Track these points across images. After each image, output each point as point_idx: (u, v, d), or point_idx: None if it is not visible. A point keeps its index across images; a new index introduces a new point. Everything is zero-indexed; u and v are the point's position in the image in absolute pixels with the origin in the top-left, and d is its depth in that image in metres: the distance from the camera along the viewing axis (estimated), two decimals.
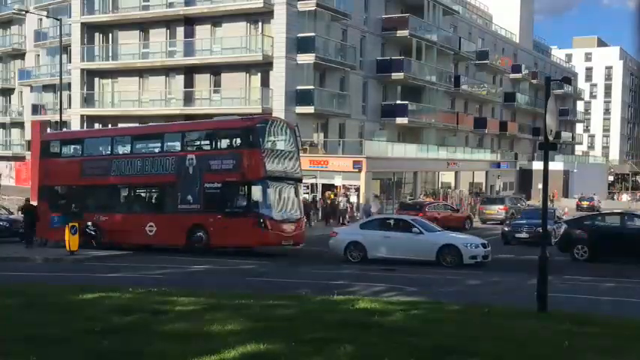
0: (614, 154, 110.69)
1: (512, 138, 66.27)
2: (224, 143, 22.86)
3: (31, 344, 7.47)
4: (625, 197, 60.77)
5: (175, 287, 13.27)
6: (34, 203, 25.54)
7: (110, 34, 44.54)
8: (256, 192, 21.54)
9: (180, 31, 41.29)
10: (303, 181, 24.82)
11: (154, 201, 24.32)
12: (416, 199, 39.86)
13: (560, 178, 59.35)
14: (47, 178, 25.68)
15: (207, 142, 23.24)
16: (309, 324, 8.92)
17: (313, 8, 37.15)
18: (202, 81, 40.77)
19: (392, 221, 21.53)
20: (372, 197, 35.98)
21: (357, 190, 37.53)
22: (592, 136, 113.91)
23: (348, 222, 32.53)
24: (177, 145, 23.54)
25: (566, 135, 76.95)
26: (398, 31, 44.18)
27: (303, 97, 37.35)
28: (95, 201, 24.77)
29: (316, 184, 36.97)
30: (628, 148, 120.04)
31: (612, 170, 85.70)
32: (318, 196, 37.41)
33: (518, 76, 65.75)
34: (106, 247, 22.71)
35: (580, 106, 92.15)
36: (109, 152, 25.06)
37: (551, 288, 11.24)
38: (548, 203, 13.06)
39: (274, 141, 22.86)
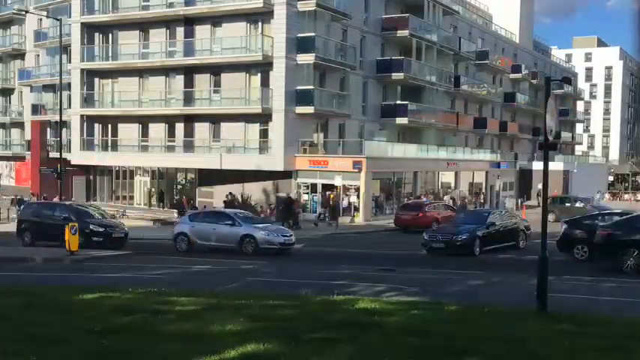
0: (614, 154, 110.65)
1: (512, 138, 66.25)
2: None
3: (31, 344, 7.47)
4: (626, 197, 60.70)
5: (175, 287, 13.27)
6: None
7: (110, 34, 44.54)
8: None
9: (180, 31, 41.29)
10: (303, 180, 25.39)
11: None
12: (419, 199, 39.72)
13: (560, 178, 59.30)
14: None
15: None
16: (309, 324, 8.92)
17: (313, 8, 37.13)
18: (202, 81, 40.77)
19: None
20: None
21: (357, 190, 37.53)
22: (592, 136, 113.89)
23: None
24: None
25: (566, 135, 76.92)
26: (398, 31, 44.15)
27: (303, 97, 37.33)
28: None
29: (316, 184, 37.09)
30: (628, 148, 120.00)
31: (612, 170, 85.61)
32: (318, 197, 37.54)
33: (518, 76, 65.72)
34: None
35: (580, 106, 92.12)
36: None
37: (551, 288, 11.25)
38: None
39: None
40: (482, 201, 50.02)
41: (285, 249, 23.00)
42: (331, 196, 36.72)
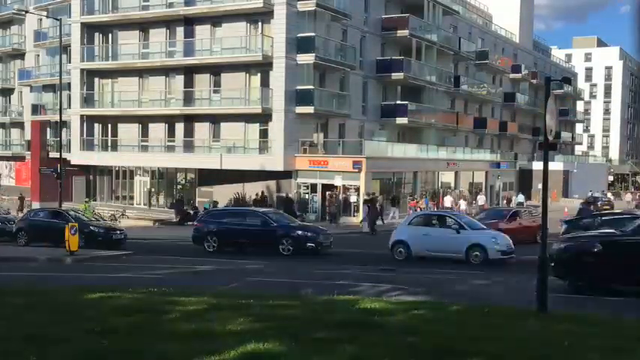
0: (614, 154, 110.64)
1: (512, 138, 66.27)
2: None
3: (31, 344, 7.46)
4: (628, 197, 60.69)
5: (176, 287, 13.26)
6: None
7: (110, 34, 44.55)
8: None
9: (180, 31, 41.30)
10: (303, 180, 25.21)
11: None
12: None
13: (560, 178, 59.33)
14: None
15: None
16: (309, 324, 8.92)
17: (313, 8, 37.14)
18: (202, 81, 40.77)
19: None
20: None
21: (357, 190, 37.52)
22: (592, 136, 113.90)
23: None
24: None
25: (566, 135, 76.95)
26: (398, 31, 44.16)
27: (303, 97, 37.33)
28: None
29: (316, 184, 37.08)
30: (628, 148, 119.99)
31: (612, 170, 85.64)
32: (318, 196, 37.52)
33: (518, 76, 65.74)
34: None
35: (580, 106, 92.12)
36: None
37: (551, 288, 11.24)
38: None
39: None
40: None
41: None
42: (331, 196, 36.77)
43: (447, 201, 42.98)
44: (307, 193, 38.98)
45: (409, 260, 20.41)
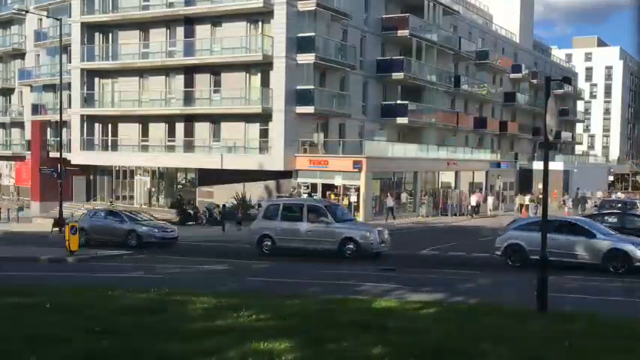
0: (614, 154, 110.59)
1: (512, 138, 66.23)
2: None
3: (31, 344, 7.46)
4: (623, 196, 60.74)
5: (177, 287, 13.26)
6: None
7: (110, 34, 44.54)
8: None
9: (180, 31, 41.28)
10: (304, 180, 24.84)
11: None
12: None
13: (560, 178, 59.28)
14: None
15: None
16: (309, 324, 8.92)
17: (313, 8, 37.12)
18: (202, 81, 40.75)
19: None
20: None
21: (357, 190, 37.51)
22: (592, 136, 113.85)
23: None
24: None
25: (566, 135, 76.89)
26: (398, 31, 44.14)
27: (303, 97, 37.32)
28: None
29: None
30: (628, 148, 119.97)
31: (612, 170, 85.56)
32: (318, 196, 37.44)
33: (518, 76, 65.70)
34: None
35: (580, 106, 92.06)
36: None
37: (551, 288, 11.25)
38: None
39: None
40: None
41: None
42: (331, 196, 36.75)
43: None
44: (307, 193, 38.97)
45: None
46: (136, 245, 24.53)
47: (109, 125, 45.31)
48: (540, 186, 17.23)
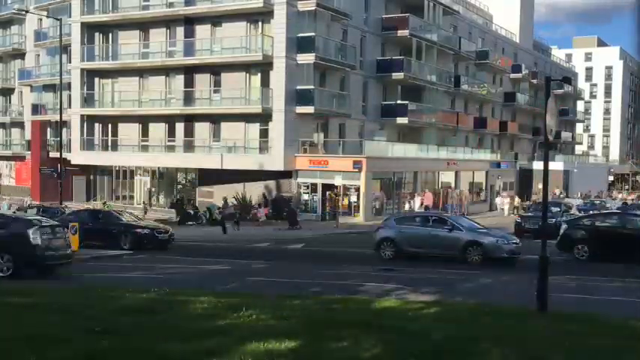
0: (614, 154, 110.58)
1: (512, 138, 66.23)
2: None
3: (31, 344, 7.46)
4: (620, 196, 60.77)
5: (177, 288, 13.26)
6: None
7: (110, 34, 44.54)
8: None
9: (180, 31, 41.27)
10: (304, 180, 24.77)
11: None
12: None
13: (560, 178, 59.27)
14: None
15: None
16: (309, 324, 8.92)
17: (313, 8, 37.12)
18: (202, 81, 40.75)
19: None
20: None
21: (357, 190, 37.50)
22: (592, 136, 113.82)
23: None
24: None
25: (566, 135, 76.88)
26: (398, 31, 44.13)
27: (303, 97, 37.32)
28: None
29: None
30: (628, 148, 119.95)
31: (612, 170, 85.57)
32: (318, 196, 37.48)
33: (518, 76, 65.69)
34: None
35: (580, 106, 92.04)
36: None
37: (551, 288, 11.25)
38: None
39: None
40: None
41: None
42: (331, 195, 36.75)
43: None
44: (307, 193, 38.99)
45: None
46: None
47: (109, 125, 45.31)
48: (540, 186, 17.26)
